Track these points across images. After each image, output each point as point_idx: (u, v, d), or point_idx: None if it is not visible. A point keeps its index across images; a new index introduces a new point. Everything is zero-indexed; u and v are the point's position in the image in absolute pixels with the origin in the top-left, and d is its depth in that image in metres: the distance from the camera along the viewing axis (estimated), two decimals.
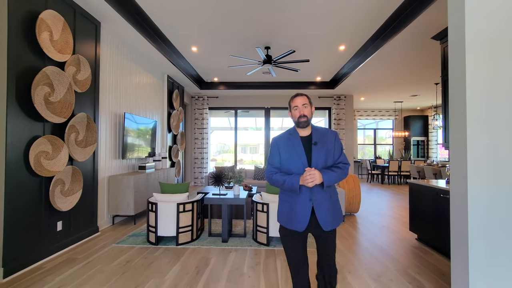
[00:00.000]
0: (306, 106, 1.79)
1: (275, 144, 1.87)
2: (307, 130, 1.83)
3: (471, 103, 1.77)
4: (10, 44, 2.62)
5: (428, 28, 4.23)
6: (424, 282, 2.59)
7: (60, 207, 3.15)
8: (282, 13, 4.06)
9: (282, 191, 1.86)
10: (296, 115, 1.80)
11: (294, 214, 1.75)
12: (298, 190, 1.70)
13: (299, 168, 1.74)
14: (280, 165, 1.83)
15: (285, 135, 1.87)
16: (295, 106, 1.81)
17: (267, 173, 1.86)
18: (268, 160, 1.90)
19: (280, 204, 1.86)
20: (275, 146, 1.86)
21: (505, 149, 1.74)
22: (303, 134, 1.83)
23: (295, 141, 1.81)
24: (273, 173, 1.81)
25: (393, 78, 7.23)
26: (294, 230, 1.76)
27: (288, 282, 2.57)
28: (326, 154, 1.78)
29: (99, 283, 2.51)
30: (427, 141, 11.55)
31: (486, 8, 1.76)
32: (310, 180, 1.65)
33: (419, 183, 3.64)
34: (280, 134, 1.91)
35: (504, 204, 1.74)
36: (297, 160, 1.76)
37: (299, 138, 1.82)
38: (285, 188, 1.77)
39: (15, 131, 2.69)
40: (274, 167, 1.84)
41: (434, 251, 3.36)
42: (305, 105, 1.79)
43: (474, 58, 1.77)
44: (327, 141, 1.80)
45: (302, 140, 1.81)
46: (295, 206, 1.75)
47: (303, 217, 1.72)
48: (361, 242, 3.72)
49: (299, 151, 1.77)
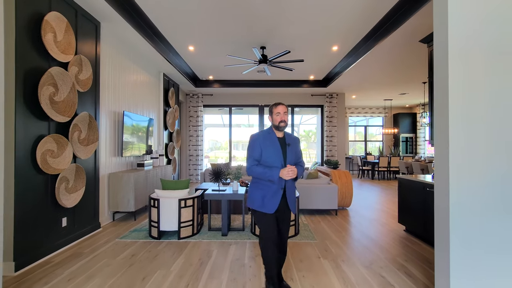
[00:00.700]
0: (286, 113, 2.26)
1: (256, 140, 2.25)
2: (282, 133, 2.31)
3: (453, 105, 1.97)
4: (17, 46, 2.69)
5: (416, 31, 4.45)
6: (411, 268, 2.82)
7: (65, 204, 3.25)
8: (278, 15, 4.21)
9: (256, 181, 2.27)
10: (278, 120, 2.24)
11: (267, 200, 2.20)
12: (277, 180, 2.16)
13: (276, 163, 2.20)
14: (260, 158, 2.23)
15: (265, 134, 2.29)
16: (277, 112, 2.24)
17: (249, 164, 2.24)
18: (250, 153, 2.26)
19: (253, 192, 2.28)
20: (257, 141, 2.25)
21: (482, 147, 1.95)
22: (279, 136, 2.30)
23: (274, 140, 2.26)
24: (254, 165, 2.22)
25: (383, 77, 7.48)
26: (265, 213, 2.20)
27: (288, 271, 2.75)
28: (295, 154, 2.32)
29: (108, 275, 2.64)
30: (415, 137, 11.94)
31: (466, 19, 1.96)
32: (291, 174, 2.12)
33: (407, 178, 3.87)
34: (259, 132, 2.34)
35: (481, 195, 1.95)
36: (276, 156, 2.21)
37: (277, 138, 2.28)
38: (264, 178, 2.18)
39: (23, 130, 2.78)
40: (255, 159, 2.24)
41: (421, 241, 3.61)
42: (285, 112, 2.26)
43: (455, 63, 1.97)
44: (295, 144, 2.35)
45: (279, 140, 2.28)
46: (269, 193, 2.20)
47: (275, 202, 2.20)
48: (353, 234, 3.94)
49: (278, 149, 2.23)
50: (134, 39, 4.76)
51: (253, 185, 2.30)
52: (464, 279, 1.95)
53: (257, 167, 2.20)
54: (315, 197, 4.87)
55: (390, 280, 2.58)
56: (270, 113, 2.32)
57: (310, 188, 4.88)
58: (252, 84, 8.39)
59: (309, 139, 13.24)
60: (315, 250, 3.29)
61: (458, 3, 1.95)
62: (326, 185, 4.96)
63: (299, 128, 11.59)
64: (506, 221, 1.94)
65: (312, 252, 3.23)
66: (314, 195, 4.87)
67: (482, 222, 1.95)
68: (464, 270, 1.95)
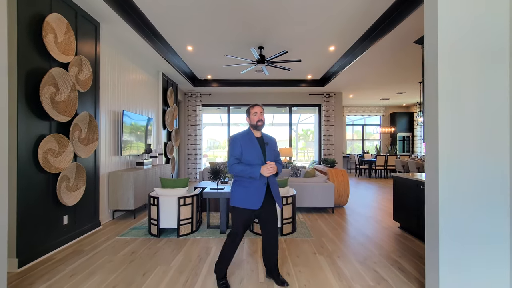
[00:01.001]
0: (262, 113, 2.42)
1: (237, 140, 2.39)
2: (259, 133, 2.47)
3: (442, 104, 2.04)
4: (19, 47, 2.75)
5: (411, 33, 4.53)
6: (404, 263, 2.90)
7: (66, 202, 3.31)
8: (276, 15, 4.28)
9: (238, 179, 2.38)
10: (255, 120, 2.40)
11: (251, 196, 2.32)
12: (259, 177, 2.29)
13: (256, 161, 2.34)
14: (241, 157, 2.36)
15: (245, 134, 2.43)
16: (255, 112, 2.40)
17: (230, 162, 2.36)
18: (231, 152, 2.38)
19: (236, 190, 2.37)
20: (237, 141, 2.38)
21: (471, 145, 2.03)
22: (257, 136, 2.45)
23: (254, 140, 2.41)
24: (235, 163, 2.34)
25: (379, 77, 7.56)
26: (249, 209, 2.32)
27: (285, 266, 2.83)
28: (273, 152, 2.48)
29: (109, 271, 2.71)
30: (412, 136, 12.04)
31: (455, 23, 2.03)
32: (271, 170, 2.28)
33: (402, 176, 3.96)
34: (239, 132, 2.48)
35: (469, 191, 2.03)
36: (256, 154, 2.36)
37: (256, 138, 2.43)
38: (245, 175, 2.29)
39: (25, 130, 2.83)
40: (236, 158, 2.36)
41: (414, 238, 3.70)
42: (262, 112, 2.42)
43: (445, 64, 2.04)
44: (273, 143, 2.52)
45: (258, 140, 2.43)
46: (253, 190, 2.32)
47: (260, 197, 2.33)
48: (349, 231, 4.02)
49: (257, 148, 2.38)
50: (133, 39, 4.81)
51: (236, 183, 2.41)
52: (452, 271, 2.03)
53: (238, 165, 2.32)
54: (312, 195, 4.95)
55: (383, 275, 2.66)
56: (247, 114, 2.46)
57: (307, 187, 4.95)
58: (250, 83, 8.45)
59: (307, 138, 13.33)
60: (312, 247, 3.37)
61: (447, 9, 2.03)
62: (323, 183, 5.04)
63: (297, 127, 11.66)
64: (491, 216, 2.02)
65: (308, 249, 3.31)
66: (311, 193, 4.95)
67: (469, 217, 2.03)
68: (452, 263, 2.04)
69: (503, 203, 2.01)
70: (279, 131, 11.65)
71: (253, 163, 2.33)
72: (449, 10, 2.03)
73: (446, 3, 2.03)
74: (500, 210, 2.01)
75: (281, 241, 3.57)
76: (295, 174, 6.33)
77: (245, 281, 2.53)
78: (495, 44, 2.02)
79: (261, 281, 2.52)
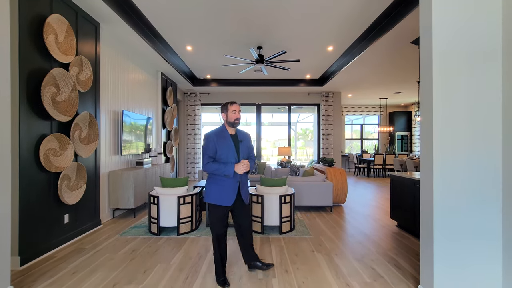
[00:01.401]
0: (240, 112, 2.46)
1: (210, 139, 2.41)
2: (234, 130, 2.50)
3: (437, 103, 2.09)
4: (21, 47, 2.78)
5: (408, 33, 4.58)
6: (400, 261, 2.96)
7: (67, 201, 3.35)
8: (275, 16, 4.31)
9: (212, 177, 2.44)
10: (233, 117, 2.43)
11: (225, 193, 2.40)
12: (232, 175, 2.35)
13: (230, 158, 2.40)
14: (215, 155, 2.40)
15: (218, 132, 2.46)
16: (233, 110, 2.43)
17: (204, 161, 2.40)
18: (205, 151, 2.41)
19: (210, 187, 2.44)
20: (211, 140, 2.40)
21: (463, 144, 2.08)
22: (231, 133, 2.49)
23: (227, 137, 2.45)
24: (210, 162, 2.38)
25: (378, 76, 7.61)
26: (223, 206, 2.41)
27: (283, 263, 2.88)
28: (247, 149, 2.54)
29: (110, 269, 2.75)
30: (411, 135, 12.11)
31: (448, 25, 2.08)
32: (244, 168, 2.36)
33: (399, 175, 4.01)
34: (213, 130, 2.49)
35: (462, 189, 2.08)
36: (230, 152, 2.41)
37: (230, 136, 2.46)
38: (220, 173, 2.35)
39: (27, 130, 2.87)
40: (210, 157, 2.40)
41: (411, 236, 3.75)
42: (239, 111, 2.45)
43: (439, 65, 2.09)
44: (247, 140, 2.57)
45: (232, 137, 2.47)
46: (226, 187, 2.39)
47: (232, 195, 2.41)
48: (347, 229, 4.07)
49: (231, 145, 2.42)
50: (133, 39, 4.84)
51: (210, 180, 2.47)
52: (446, 267, 2.08)
53: (213, 163, 2.37)
54: (311, 194, 5.00)
55: (380, 272, 2.71)
56: (225, 111, 2.48)
57: (306, 185, 5.00)
58: (249, 83, 8.48)
59: (306, 137, 13.37)
60: (310, 245, 3.42)
61: (441, 11, 2.07)
62: (321, 182, 5.08)
63: (296, 126, 11.70)
64: (484, 212, 2.07)
65: (306, 247, 3.35)
66: (309, 192, 4.99)
67: (463, 214, 2.08)
68: (446, 259, 2.09)
69: (495, 199, 2.06)
70: (278, 131, 11.71)
71: (227, 161, 2.39)
72: (443, 12, 2.07)
73: (440, 5, 2.07)
74: (492, 206, 2.06)
75: (279, 239, 3.61)
76: (294, 173, 6.38)
77: (244, 278, 2.58)
78: (488, 44, 2.06)
79: (260, 278, 2.57)
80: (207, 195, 2.45)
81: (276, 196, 3.82)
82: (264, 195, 3.81)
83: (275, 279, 2.55)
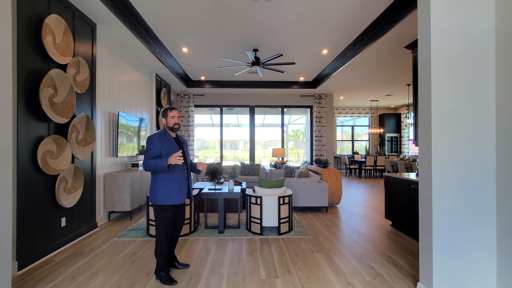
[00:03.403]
0: (179, 117, 2.63)
1: (155, 140, 2.50)
2: (174, 134, 2.67)
3: (435, 107, 2.18)
4: (19, 48, 2.73)
5: (401, 38, 4.72)
6: (397, 259, 3.04)
7: (64, 204, 3.29)
8: (271, 20, 4.36)
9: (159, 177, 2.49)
10: (173, 122, 2.59)
11: (175, 192, 2.51)
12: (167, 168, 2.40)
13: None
14: (160, 155, 2.47)
15: (162, 134, 2.58)
16: (172, 116, 2.59)
17: (144, 160, 2.47)
18: (150, 152, 2.46)
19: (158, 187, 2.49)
20: (155, 141, 2.49)
21: (462, 148, 2.17)
22: (172, 136, 2.65)
23: (171, 140, 2.59)
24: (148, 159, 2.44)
25: (370, 79, 7.78)
26: (174, 205, 2.53)
27: (284, 264, 2.92)
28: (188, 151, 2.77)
29: (111, 272, 2.73)
30: (400, 137, 12.39)
31: (446, 31, 2.17)
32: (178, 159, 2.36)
33: (393, 176, 4.12)
34: (155, 133, 2.60)
35: (461, 191, 2.17)
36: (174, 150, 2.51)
37: (172, 138, 2.62)
38: (157, 167, 2.39)
39: (25, 132, 2.81)
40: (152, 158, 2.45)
41: (406, 235, 3.86)
42: (179, 116, 2.63)
43: (437, 69, 2.18)
44: (186, 144, 2.80)
45: (174, 139, 2.63)
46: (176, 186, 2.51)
47: (184, 192, 2.58)
48: (343, 229, 4.15)
49: (175, 146, 2.58)
50: (129, 40, 4.80)
51: (158, 182, 2.51)
52: (445, 264, 2.17)
53: (150, 160, 2.43)
54: (307, 195, 5.07)
55: (379, 270, 2.79)
56: (164, 116, 2.62)
57: (302, 186, 5.07)
58: (243, 84, 8.51)
59: (297, 139, 13.48)
60: (309, 245, 3.47)
61: (439, 16, 2.17)
62: (316, 183, 5.16)
63: (287, 127, 11.80)
64: (480, 212, 2.17)
65: (306, 247, 3.41)
66: (305, 193, 5.06)
67: (459, 214, 2.18)
68: (445, 256, 2.17)
69: (490, 199, 2.16)
70: (268, 132, 11.78)
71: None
72: (441, 18, 2.17)
73: (438, 12, 2.17)
74: (487, 205, 2.16)
75: (278, 239, 3.66)
76: (289, 174, 6.44)
77: (247, 279, 2.60)
78: (483, 49, 2.17)
79: (263, 278, 2.60)
80: (156, 197, 2.49)
81: (274, 197, 3.87)
82: (263, 196, 3.85)
83: (278, 279, 2.59)
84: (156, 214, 2.54)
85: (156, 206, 2.53)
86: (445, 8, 2.18)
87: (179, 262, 2.83)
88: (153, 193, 2.52)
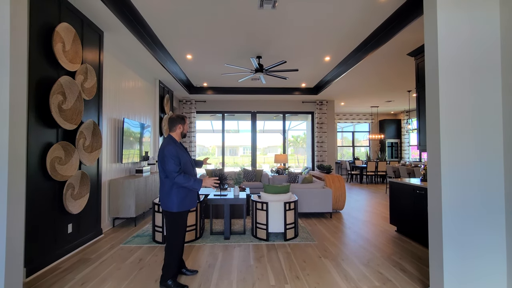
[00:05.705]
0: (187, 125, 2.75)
1: (174, 149, 2.45)
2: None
3: (443, 113, 2.22)
4: (30, 56, 2.77)
5: (404, 45, 4.79)
6: (405, 265, 3.05)
7: (71, 210, 3.29)
8: (275, 28, 4.43)
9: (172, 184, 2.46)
10: (187, 129, 2.68)
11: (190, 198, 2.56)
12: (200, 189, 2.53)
13: (189, 165, 2.58)
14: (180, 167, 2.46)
15: (176, 142, 2.57)
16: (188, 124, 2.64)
17: (173, 174, 2.41)
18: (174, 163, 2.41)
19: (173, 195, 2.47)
20: (174, 150, 2.45)
21: (470, 153, 2.21)
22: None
23: (183, 148, 2.63)
24: (178, 174, 2.41)
25: (370, 86, 7.86)
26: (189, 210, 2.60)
27: (293, 270, 2.92)
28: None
29: (120, 278, 2.72)
30: (400, 143, 12.45)
31: (453, 38, 2.23)
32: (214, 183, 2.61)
33: (398, 181, 4.14)
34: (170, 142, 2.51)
35: (470, 196, 2.20)
36: (188, 160, 2.60)
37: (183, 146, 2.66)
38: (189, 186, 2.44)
39: (34, 138, 2.83)
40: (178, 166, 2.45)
41: (411, 240, 3.86)
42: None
43: (444, 77, 2.23)
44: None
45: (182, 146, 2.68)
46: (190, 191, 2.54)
47: (195, 197, 2.64)
48: (348, 235, 4.16)
49: (188, 153, 2.64)
50: (134, 47, 4.85)
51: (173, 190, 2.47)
52: (456, 270, 2.18)
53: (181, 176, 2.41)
54: (311, 201, 5.07)
55: (387, 275, 2.79)
56: (182, 123, 2.61)
57: (306, 192, 5.08)
58: (245, 91, 8.57)
59: (297, 145, 13.53)
60: (316, 251, 3.47)
61: (446, 25, 2.22)
62: (320, 189, 5.17)
63: (287, 133, 11.84)
64: (489, 220, 2.19)
65: (313, 253, 3.41)
66: (309, 198, 5.07)
67: (469, 220, 2.20)
68: (455, 262, 2.19)
69: (500, 205, 2.19)
70: (269, 138, 11.83)
71: (188, 168, 2.56)
72: (448, 26, 2.22)
73: (445, 20, 2.23)
74: (497, 211, 2.19)
75: (285, 245, 3.65)
76: (293, 180, 6.45)
77: (257, 285, 2.60)
78: (490, 57, 2.22)
79: (272, 284, 2.60)
80: (175, 204, 2.46)
81: (280, 203, 3.88)
82: (269, 202, 3.86)
83: (287, 285, 2.59)
84: (172, 221, 2.50)
85: (173, 213, 2.49)
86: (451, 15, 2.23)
87: (187, 269, 2.82)
88: (168, 200, 2.47)
